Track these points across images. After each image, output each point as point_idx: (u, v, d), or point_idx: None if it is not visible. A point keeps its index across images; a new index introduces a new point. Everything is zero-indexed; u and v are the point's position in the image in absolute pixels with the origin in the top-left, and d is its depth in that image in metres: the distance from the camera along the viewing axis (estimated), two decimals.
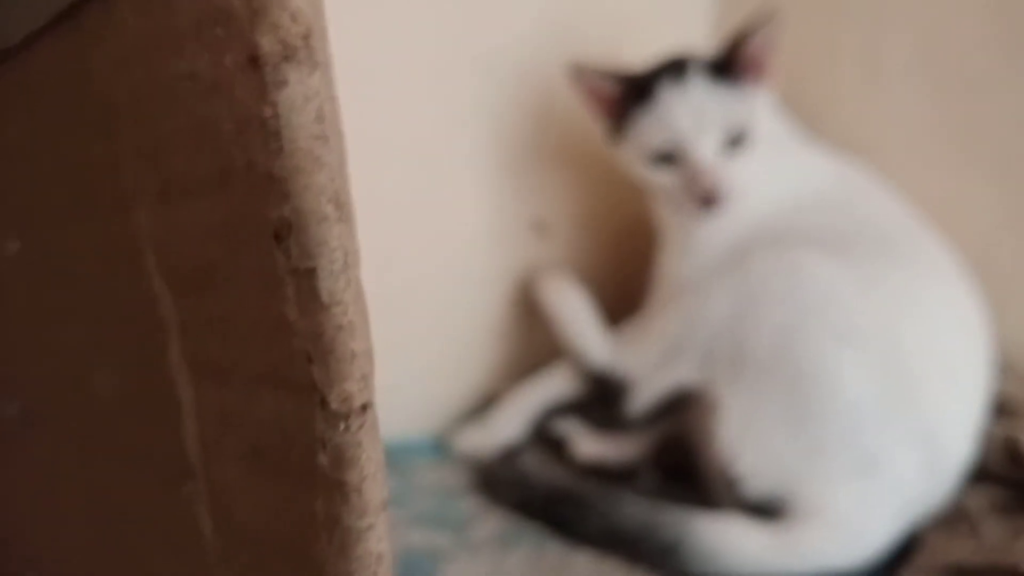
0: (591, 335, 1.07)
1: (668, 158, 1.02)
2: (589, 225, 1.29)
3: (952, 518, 0.90)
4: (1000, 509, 0.92)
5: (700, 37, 1.29)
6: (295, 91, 0.23)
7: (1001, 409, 1.02)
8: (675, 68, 1.01)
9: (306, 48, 0.23)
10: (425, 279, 1.16)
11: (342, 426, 0.24)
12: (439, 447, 1.13)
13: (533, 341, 1.23)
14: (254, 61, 0.23)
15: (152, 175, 0.28)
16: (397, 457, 1.07)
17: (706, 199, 0.98)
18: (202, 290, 0.28)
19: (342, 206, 0.24)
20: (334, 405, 0.24)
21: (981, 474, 0.96)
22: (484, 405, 1.18)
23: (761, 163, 1.03)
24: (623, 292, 1.19)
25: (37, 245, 0.38)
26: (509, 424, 1.10)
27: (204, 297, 0.28)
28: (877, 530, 0.84)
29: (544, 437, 1.08)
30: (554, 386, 1.11)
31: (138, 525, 0.36)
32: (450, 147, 1.13)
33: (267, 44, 0.23)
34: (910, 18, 1.21)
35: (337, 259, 0.24)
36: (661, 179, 1.04)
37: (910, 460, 0.85)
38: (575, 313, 1.10)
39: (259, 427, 0.27)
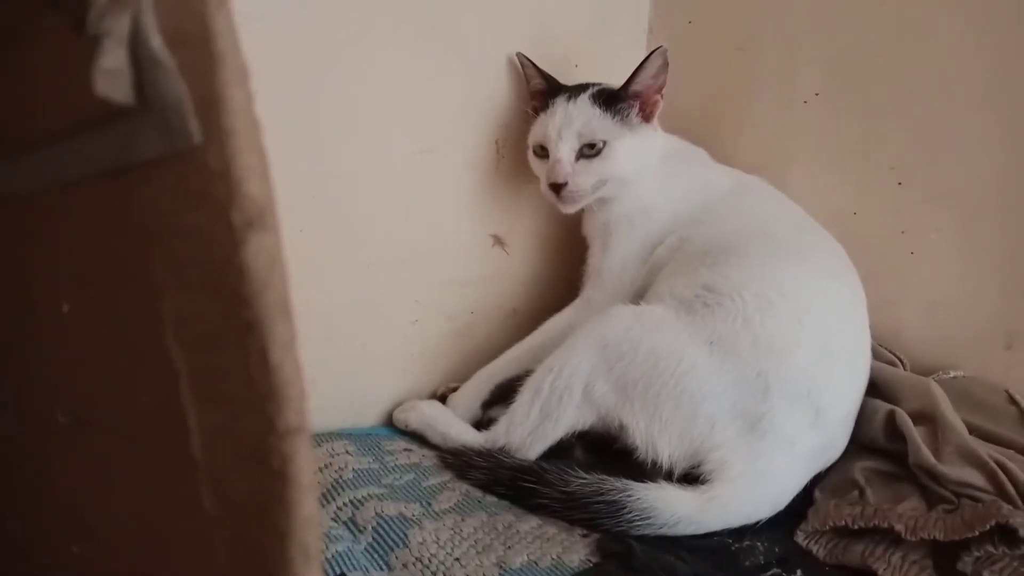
0: (457, 428, 1.22)
1: (543, 152, 1.26)
2: (539, 237, 1.45)
3: (841, 485, 1.06)
4: (883, 477, 1.07)
5: None
6: (254, 247, 0.38)
7: (885, 389, 1.17)
8: (578, 88, 1.26)
9: (260, 220, 0.39)
10: (406, 285, 1.32)
11: (286, 441, 0.40)
12: (413, 434, 1.28)
13: (489, 339, 1.39)
14: (230, 227, 0.39)
15: (174, 278, 0.44)
16: (377, 443, 1.22)
17: (555, 186, 1.23)
18: (202, 351, 0.44)
19: (285, 308, 0.40)
20: (280, 428, 0.40)
21: (867, 446, 1.12)
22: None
23: (663, 180, 1.27)
24: (568, 288, 1.35)
25: (82, 307, 0.54)
26: (468, 407, 1.28)
27: (203, 354, 0.44)
28: (779, 480, 1.03)
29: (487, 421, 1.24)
30: (501, 370, 1.30)
31: (161, 501, 0.53)
32: (427, 173, 1.30)
33: (237, 218, 0.38)
34: (818, 51, 1.36)
35: (282, 340, 0.40)
36: (536, 168, 1.30)
37: (794, 419, 1.02)
38: (436, 418, 1.25)
39: (240, 437, 0.44)
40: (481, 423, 1.27)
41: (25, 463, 0.75)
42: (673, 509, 0.99)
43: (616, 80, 1.27)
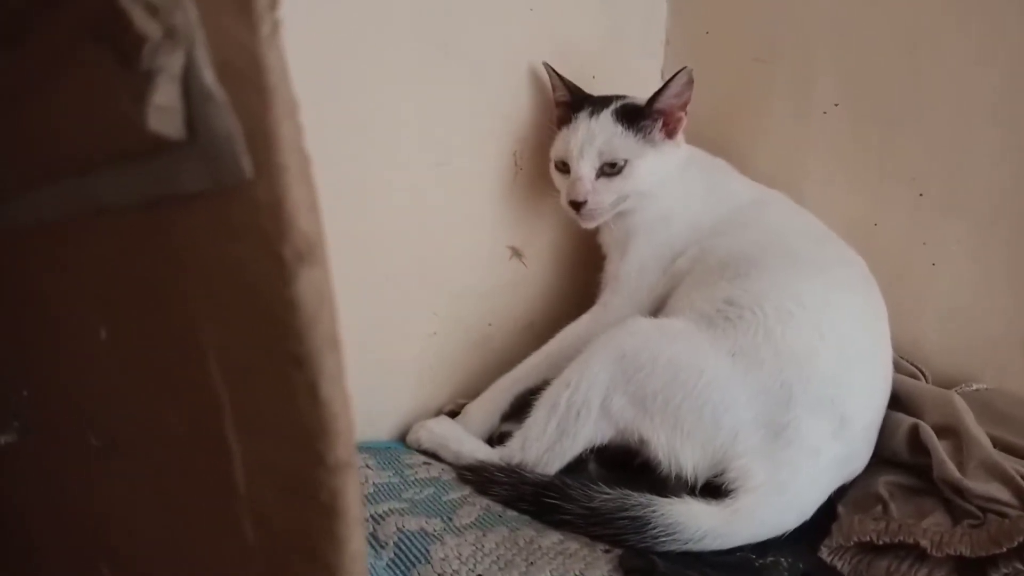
0: (469, 444, 1.20)
1: (565, 167, 1.26)
2: (557, 249, 1.45)
3: (864, 500, 1.05)
4: (906, 491, 1.06)
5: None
6: (304, 281, 0.38)
7: (908, 402, 1.16)
8: (601, 103, 1.25)
9: (311, 255, 0.38)
10: (422, 297, 1.31)
11: (336, 475, 0.39)
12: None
13: (506, 352, 1.39)
14: (280, 261, 0.38)
15: (212, 309, 0.44)
16: (396, 456, 1.21)
17: (575, 204, 1.23)
18: (246, 380, 0.44)
19: (335, 342, 0.40)
20: (330, 462, 0.39)
21: (890, 460, 1.11)
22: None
23: (683, 190, 1.27)
24: (586, 301, 1.35)
25: (115, 334, 0.54)
26: (486, 419, 1.27)
27: (248, 386, 0.44)
28: (803, 489, 1.02)
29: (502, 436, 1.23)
30: (520, 380, 1.28)
31: (198, 528, 0.53)
32: (444, 185, 1.30)
33: (288, 253, 0.38)
34: (836, 62, 1.35)
35: (331, 374, 0.40)
36: (557, 182, 1.30)
37: (818, 428, 1.01)
38: (447, 435, 1.23)
39: (285, 468, 0.43)
40: (493, 438, 1.25)
41: (52, 484, 0.75)
42: (698, 523, 0.98)
43: (634, 90, 1.27)
